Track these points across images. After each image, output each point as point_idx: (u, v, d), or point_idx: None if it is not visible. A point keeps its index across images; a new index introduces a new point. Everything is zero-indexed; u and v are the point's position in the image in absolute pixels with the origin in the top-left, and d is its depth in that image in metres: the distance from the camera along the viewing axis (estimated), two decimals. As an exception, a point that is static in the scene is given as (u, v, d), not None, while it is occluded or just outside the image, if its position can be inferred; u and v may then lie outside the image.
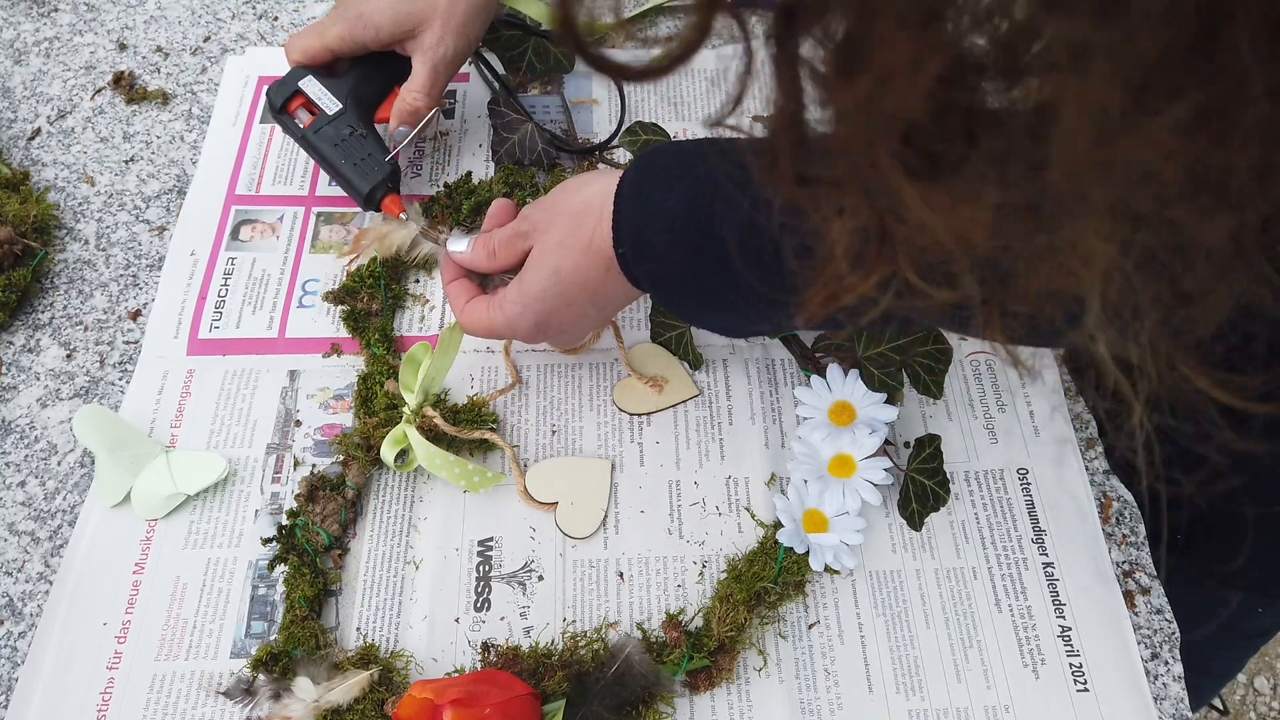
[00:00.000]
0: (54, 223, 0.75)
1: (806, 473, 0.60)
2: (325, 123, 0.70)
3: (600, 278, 0.54)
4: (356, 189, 0.69)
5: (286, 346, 0.69)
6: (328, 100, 0.70)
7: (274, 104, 0.70)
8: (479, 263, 0.60)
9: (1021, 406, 0.68)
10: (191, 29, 0.89)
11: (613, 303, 0.57)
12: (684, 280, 0.51)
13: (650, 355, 0.68)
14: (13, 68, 0.85)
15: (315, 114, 0.70)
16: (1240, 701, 1.52)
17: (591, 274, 0.54)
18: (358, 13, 0.69)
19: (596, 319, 0.59)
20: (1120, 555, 0.62)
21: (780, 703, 0.56)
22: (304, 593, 0.57)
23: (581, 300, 0.56)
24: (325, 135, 0.69)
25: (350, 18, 0.69)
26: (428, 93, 0.71)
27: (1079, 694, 0.57)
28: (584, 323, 0.58)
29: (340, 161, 0.69)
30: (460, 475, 0.60)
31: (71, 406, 0.66)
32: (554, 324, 0.57)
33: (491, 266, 0.59)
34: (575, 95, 0.83)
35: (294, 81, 0.70)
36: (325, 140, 0.69)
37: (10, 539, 0.61)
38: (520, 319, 0.57)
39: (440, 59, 0.70)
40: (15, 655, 0.57)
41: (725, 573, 0.60)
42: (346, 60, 0.72)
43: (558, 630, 0.58)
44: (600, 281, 0.55)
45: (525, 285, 0.56)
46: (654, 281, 0.53)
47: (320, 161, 0.71)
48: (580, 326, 0.59)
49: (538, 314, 0.56)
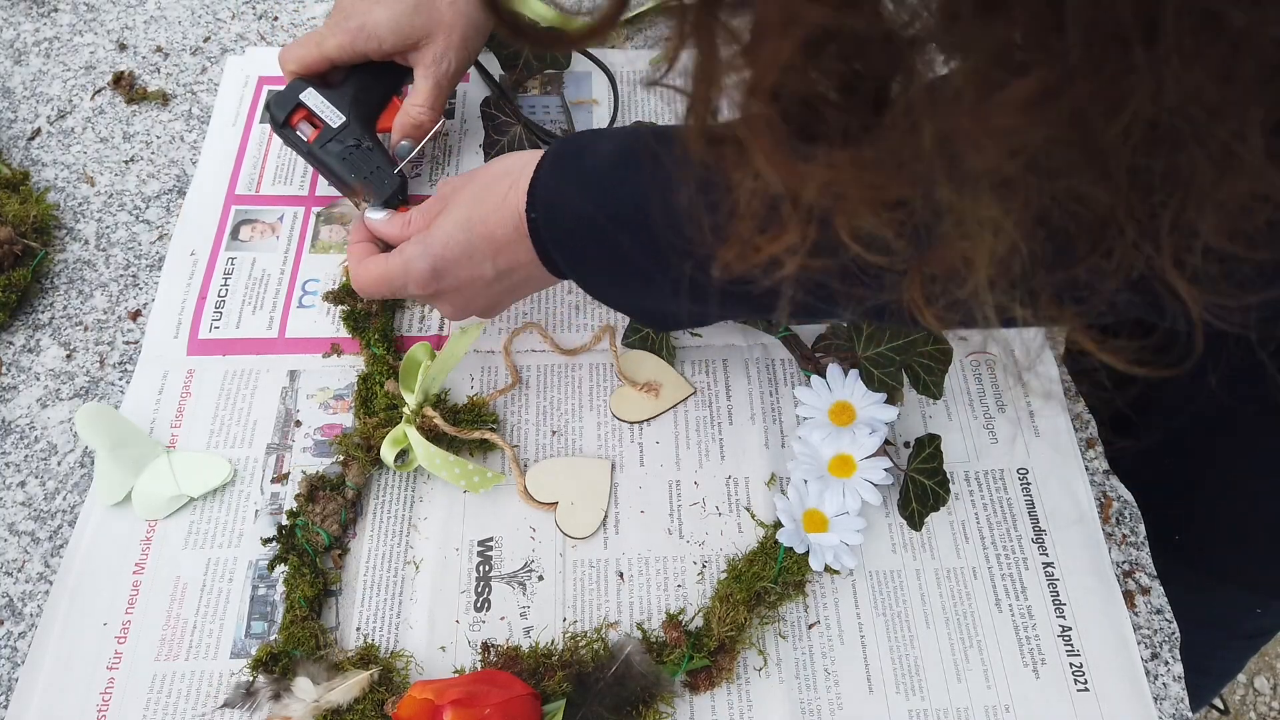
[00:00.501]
0: (54, 223, 0.75)
1: (806, 473, 0.60)
2: (330, 137, 0.69)
3: (508, 235, 0.54)
4: (369, 203, 0.68)
5: (286, 346, 0.69)
6: (330, 113, 0.69)
7: (276, 119, 0.70)
8: (393, 231, 0.59)
9: (1021, 406, 0.68)
10: (191, 29, 0.89)
11: (514, 271, 0.56)
12: (596, 250, 0.50)
13: (641, 362, 0.68)
14: (13, 68, 0.85)
15: (319, 127, 0.69)
16: (1240, 701, 1.52)
17: (499, 229, 0.54)
18: (359, 24, 0.68)
19: (494, 289, 0.57)
20: (1120, 555, 0.62)
21: (780, 703, 0.56)
22: (304, 593, 0.57)
23: (484, 254, 0.55)
24: (331, 150, 0.69)
25: (351, 29, 0.68)
26: (431, 107, 0.70)
27: (1079, 694, 0.57)
28: (480, 286, 0.57)
29: (349, 176, 0.68)
30: (460, 475, 0.60)
31: (71, 407, 0.66)
32: (450, 275, 0.56)
33: (404, 235, 0.58)
34: (575, 95, 0.83)
35: (295, 95, 0.69)
36: (332, 155, 0.69)
37: (10, 539, 0.61)
38: (417, 260, 0.56)
39: (444, 74, 0.69)
40: (15, 655, 0.57)
41: (725, 573, 0.60)
42: (342, 70, 0.71)
43: (558, 630, 0.58)
44: (506, 239, 0.54)
45: (431, 230, 0.56)
46: (564, 251, 0.52)
47: (327, 175, 0.70)
48: (475, 290, 0.57)
49: (436, 257, 0.55)
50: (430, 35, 0.68)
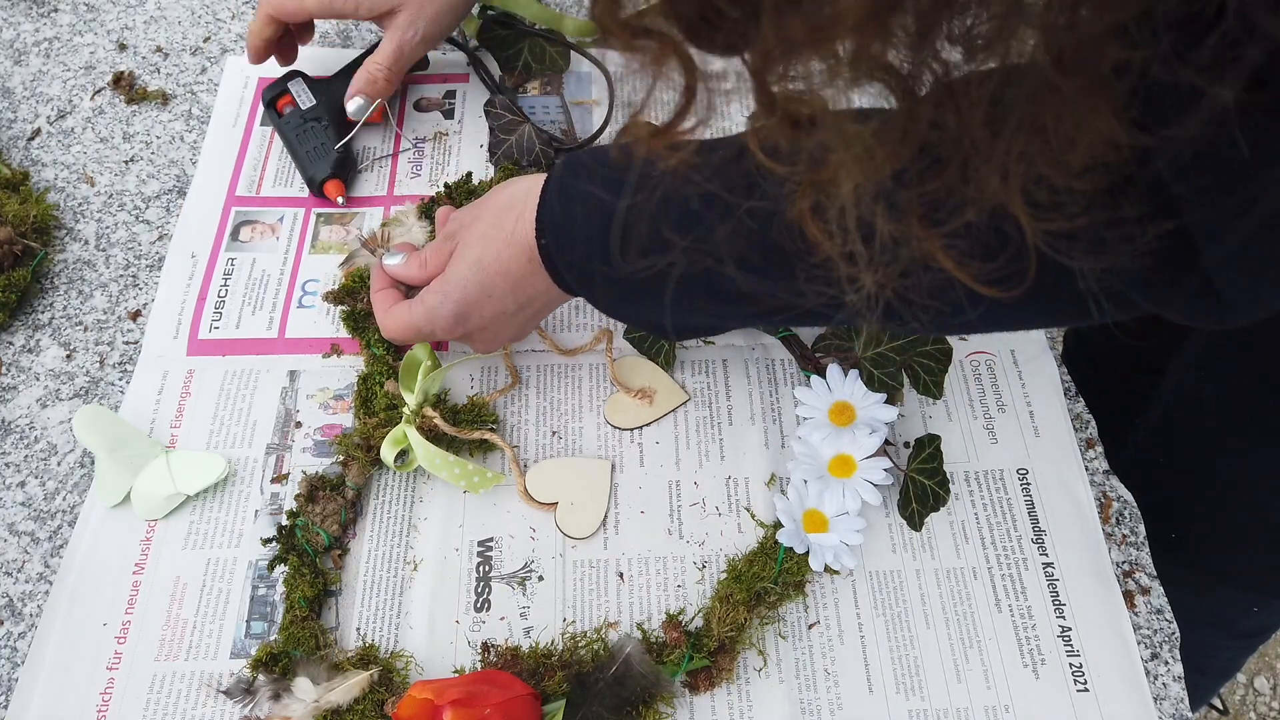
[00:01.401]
0: (54, 223, 0.75)
1: (806, 473, 0.60)
2: (297, 114, 0.77)
3: (522, 269, 0.54)
4: (303, 169, 0.76)
5: (286, 347, 0.69)
6: (306, 97, 0.78)
7: (264, 99, 0.79)
8: (411, 274, 0.61)
9: (1021, 406, 0.68)
10: (191, 29, 0.89)
11: (534, 300, 0.57)
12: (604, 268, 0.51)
13: (635, 367, 0.68)
14: (13, 68, 0.85)
15: (295, 108, 0.78)
16: (1240, 701, 1.52)
17: (513, 264, 0.55)
18: None
19: (519, 319, 0.58)
20: (1120, 555, 0.62)
21: (780, 703, 0.56)
22: (304, 593, 0.57)
23: (502, 291, 0.56)
24: (290, 123, 0.77)
25: None
26: (389, 67, 0.74)
27: (1079, 694, 0.57)
28: (505, 319, 0.58)
29: (296, 145, 0.76)
30: (460, 475, 0.60)
31: (71, 407, 0.66)
32: (474, 316, 0.57)
33: (423, 276, 0.60)
34: (575, 96, 0.83)
35: (285, 82, 0.78)
36: (290, 127, 0.77)
37: (10, 539, 0.61)
38: (440, 308, 0.57)
39: (409, 40, 0.73)
40: (15, 655, 0.57)
41: (725, 573, 0.60)
42: (337, 76, 0.79)
43: (558, 630, 0.58)
44: (521, 273, 0.55)
45: (447, 275, 0.57)
46: (575, 271, 0.53)
47: (288, 148, 0.78)
48: (501, 324, 0.58)
49: (458, 303, 0.56)
50: (405, 3, 0.72)
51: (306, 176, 0.76)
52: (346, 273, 0.71)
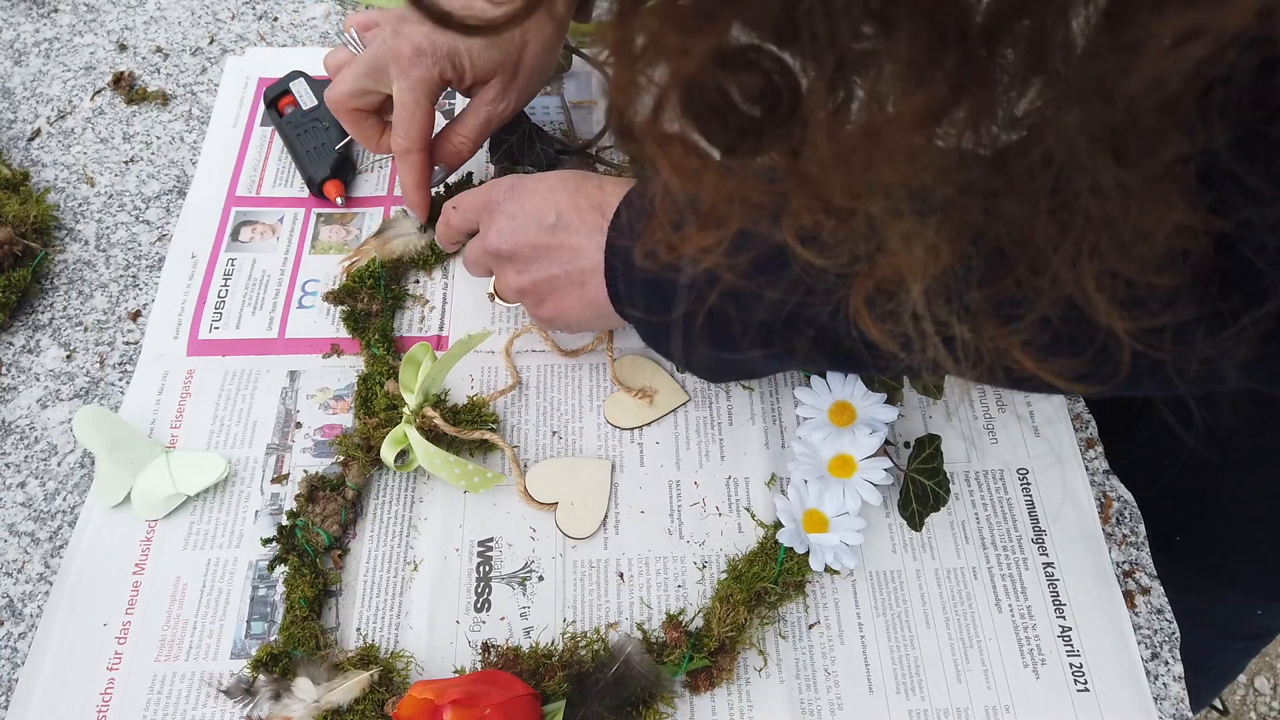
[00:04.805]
0: (54, 223, 0.75)
1: (806, 473, 0.60)
2: (298, 115, 0.78)
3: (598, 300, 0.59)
4: (303, 169, 0.76)
5: (286, 347, 0.69)
6: (308, 98, 0.79)
7: (266, 100, 0.80)
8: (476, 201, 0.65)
9: (1021, 406, 0.68)
10: (191, 29, 0.89)
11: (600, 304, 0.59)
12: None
13: (636, 366, 0.68)
14: (13, 68, 0.85)
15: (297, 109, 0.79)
16: (1240, 701, 1.52)
17: (588, 311, 0.60)
18: (450, 48, 0.64)
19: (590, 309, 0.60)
20: (1120, 555, 0.62)
21: (780, 703, 0.56)
22: (304, 593, 0.57)
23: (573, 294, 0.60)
24: (292, 123, 0.78)
25: (441, 54, 0.64)
26: (474, 141, 0.70)
27: (1079, 694, 0.57)
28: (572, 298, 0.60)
29: (296, 145, 0.77)
30: (460, 475, 0.60)
31: (71, 407, 0.66)
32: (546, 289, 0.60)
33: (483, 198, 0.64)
34: (575, 96, 0.83)
35: (287, 82, 0.79)
36: (291, 127, 0.78)
37: (10, 539, 0.61)
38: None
39: (498, 113, 0.68)
40: (15, 656, 0.57)
41: (725, 573, 0.60)
42: None
43: (558, 630, 0.58)
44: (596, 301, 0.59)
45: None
46: (646, 331, 0.57)
47: (289, 149, 0.78)
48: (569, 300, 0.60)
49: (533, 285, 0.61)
50: (499, 70, 0.66)
51: (306, 177, 0.76)
52: (347, 272, 0.71)
